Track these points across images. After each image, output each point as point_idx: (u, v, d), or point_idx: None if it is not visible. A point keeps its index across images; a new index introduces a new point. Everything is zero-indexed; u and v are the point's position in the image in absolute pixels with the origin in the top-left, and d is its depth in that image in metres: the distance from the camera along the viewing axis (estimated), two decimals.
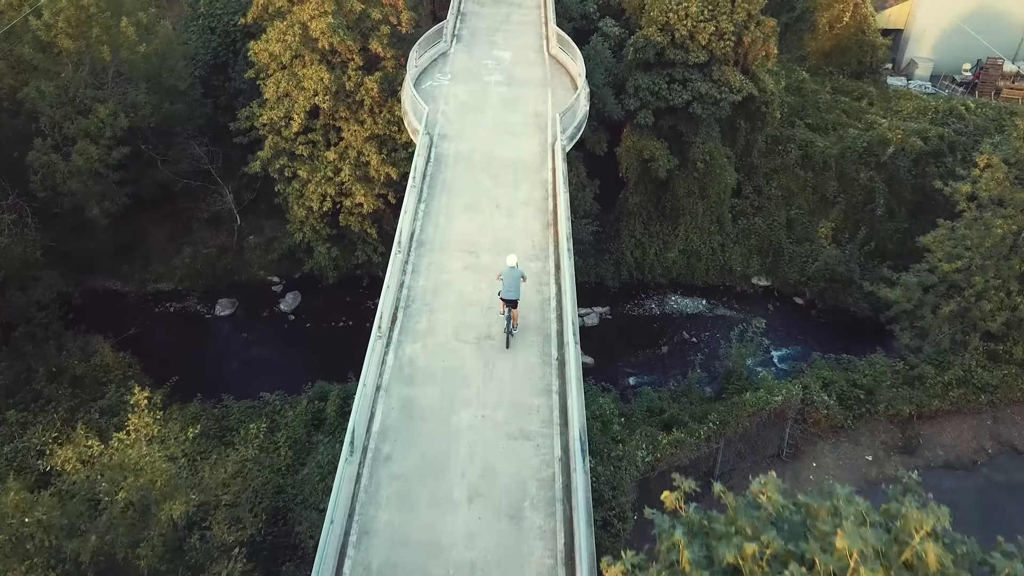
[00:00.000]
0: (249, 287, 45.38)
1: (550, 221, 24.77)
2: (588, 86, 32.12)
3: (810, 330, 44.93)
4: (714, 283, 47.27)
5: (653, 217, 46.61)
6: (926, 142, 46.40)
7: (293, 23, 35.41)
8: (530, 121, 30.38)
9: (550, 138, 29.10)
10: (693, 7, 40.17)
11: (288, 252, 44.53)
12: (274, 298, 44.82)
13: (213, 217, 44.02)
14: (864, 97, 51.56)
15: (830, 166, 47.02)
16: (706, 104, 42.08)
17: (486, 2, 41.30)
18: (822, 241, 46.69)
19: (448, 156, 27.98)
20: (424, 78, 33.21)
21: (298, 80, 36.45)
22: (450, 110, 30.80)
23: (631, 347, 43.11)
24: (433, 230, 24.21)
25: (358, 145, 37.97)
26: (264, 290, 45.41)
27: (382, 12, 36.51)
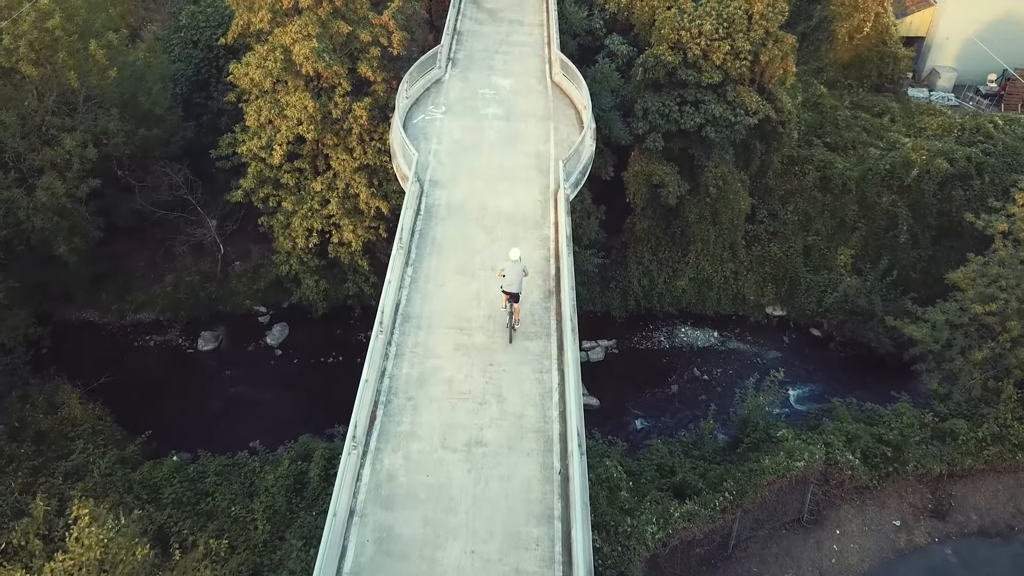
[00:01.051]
0: (234, 317, 42.76)
1: (552, 289, 22.07)
2: (594, 120, 29.27)
3: (828, 366, 42.23)
4: (726, 313, 44.52)
5: (662, 243, 43.83)
6: (952, 164, 43.49)
7: (275, 47, 32.57)
8: (530, 163, 27.59)
9: (552, 184, 26.33)
10: (707, 25, 37.22)
11: (275, 280, 41.83)
12: (260, 330, 42.19)
13: (196, 243, 41.31)
14: (885, 113, 48.55)
15: (850, 189, 44.14)
16: (720, 128, 39.21)
17: (485, 20, 38.32)
18: (841, 269, 43.91)
19: (440, 207, 25.23)
20: (416, 110, 30.39)
21: (281, 108, 33.65)
22: (443, 150, 28.01)
23: (639, 385, 40.48)
24: (421, 301, 21.51)
25: (346, 176, 35.21)
26: (250, 321, 42.77)
27: (371, 33, 33.64)
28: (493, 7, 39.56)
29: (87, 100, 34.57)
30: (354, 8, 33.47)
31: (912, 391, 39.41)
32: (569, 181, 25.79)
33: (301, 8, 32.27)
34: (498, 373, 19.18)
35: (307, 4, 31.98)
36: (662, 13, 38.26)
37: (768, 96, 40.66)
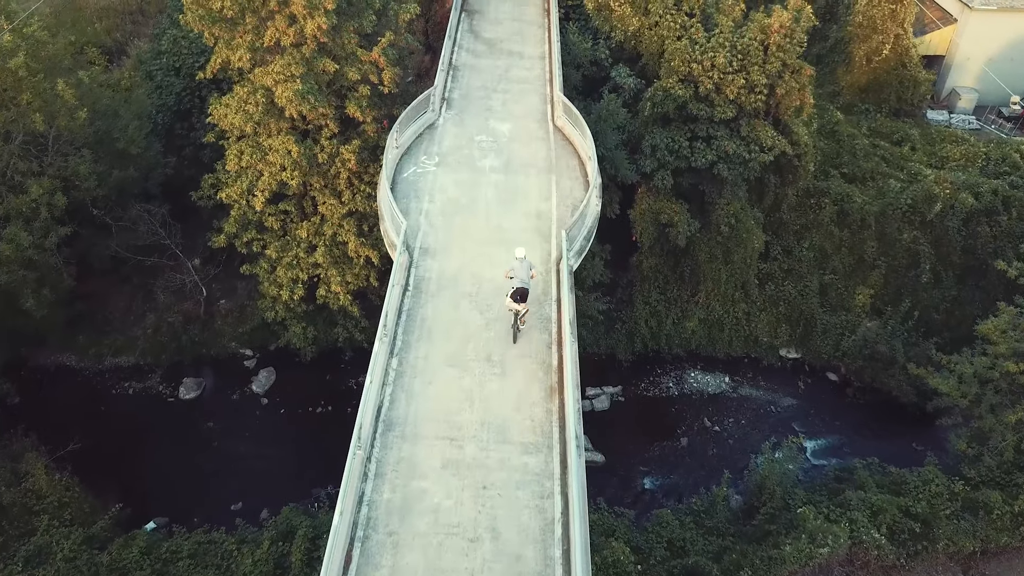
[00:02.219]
0: (219, 361, 40.34)
1: (554, 385, 19.62)
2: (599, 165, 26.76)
3: (846, 415, 39.78)
4: (738, 355, 42.07)
5: (670, 282, 41.32)
6: (978, 198, 40.94)
7: (255, 88, 30.06)
8: (530, 225, 25.07)
9: (554, 252, 23.84)
10: (720, 58, 34.64)
11: (262, 322, 39.35)
12: (246, 375, 39.76)
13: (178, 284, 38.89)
14: (905, 141, 45.92)
15: (869, 224, 41.56)
16: (733, 165, 36.66)
17: (483, 52, 35.70)
18: (859, 310, 41.43)
19: (430, 281, 22.74)
20: (407, 161, 27.84)
21: (263, 151, 31.14)
22: (435, 211, 25.48)
23: (646, 437, 38.04)
24: (405, 402, 19.05)
25: (334, 222, 32.74)
26: (235, 365, 40.33)
27: (360, 71, 31.09)
28: (492, 36, 36.95)
29: (56, 141, 32.06)
30: (341, 44, 30.90)
31: (936, 444, 37.21)
32: (573, 250, 23.30)
33: (284, 46, 29.69)
34: (492, 499, 16.75)
35: (290, 42, 29.43)
36: (672, 44, 35.67)
37: (783, 128, 38.10)
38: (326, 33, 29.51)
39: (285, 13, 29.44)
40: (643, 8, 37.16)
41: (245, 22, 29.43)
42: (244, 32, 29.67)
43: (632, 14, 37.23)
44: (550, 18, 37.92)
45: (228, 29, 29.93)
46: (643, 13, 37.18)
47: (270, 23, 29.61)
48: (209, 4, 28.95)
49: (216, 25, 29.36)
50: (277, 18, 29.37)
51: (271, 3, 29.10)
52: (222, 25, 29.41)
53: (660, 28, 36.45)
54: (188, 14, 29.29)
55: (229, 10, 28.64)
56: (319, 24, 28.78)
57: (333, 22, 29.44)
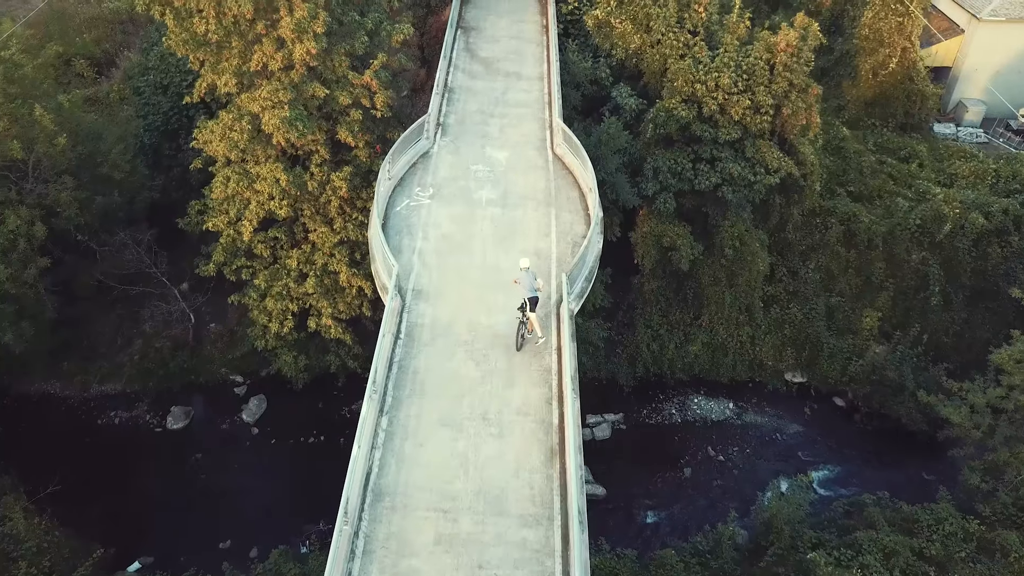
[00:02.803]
0: (208, 388, 39.14)
1: (555, 447, 18.38)
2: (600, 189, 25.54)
3: (854, 442, 38.59)
4: (742, 379, 40.85)
5: (673, 305, 40.10)
6: (988, 218, 39.68)
7: (241, 114, 28.78)
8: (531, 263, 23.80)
9: (554, 295, 22.60)
10: (725, 78, 33.38)
11: (253, 348, 38.08)
12: (236, 403, 38.54)
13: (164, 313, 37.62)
14: (913, 157, 44.64)
15: (876, 245, 40.30)
16: (738, 187, 35.47)
17: (479, 73, 34.37)
18: (866, 334, 40.18)
19: (423, 328, 21.48)
20: (400, 193, 26.55)
21: (250, 179, 29.88)
22: (429, 249, 24.20)
23: (648, 468, 36.83)
24: (396, 468, 17.78)
25: (325, 250, 31.49)
26: (225, 392, 39.12)
27: (352, 95, 29.81)
28: (489, 55, 35.64)
29: (36, 168, 30.77)
30: (332, 67, 29.63)
31: (946, 474, 35.95)
32: (573, 292, 22.06)
33: (272, 70, 28.39)
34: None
35: (278, 66, 28.13)
36: (675, 63, 34.40)
37: (789, 148, 36.89)
38: (316, 57, 28.22)
39: (273, 36, 28.17)
40: (645, 26, 35.89)
41: (231, 46, 28.13)
42: (230, 56, 28.40)
43: (633, 31, 35.97)
44: (548, 35, 36.63)
45: (214, 53, 28.63)
46: (645, 31, 35.92)
47: (257, 47, 28.34)
48: (193, 28, 27.66)
49: (201, 49, 28.05)
50: (264, 42, 28.09)
51: (258, 26, 27.82)
52: (207, 49, 28.11)
53: (662, 46, 35.19)
54: (171, 38, 28.00)
55: (214, 34, 27.36)
56: (308, 48, 27.50)
57: (323, 46, 28.17)
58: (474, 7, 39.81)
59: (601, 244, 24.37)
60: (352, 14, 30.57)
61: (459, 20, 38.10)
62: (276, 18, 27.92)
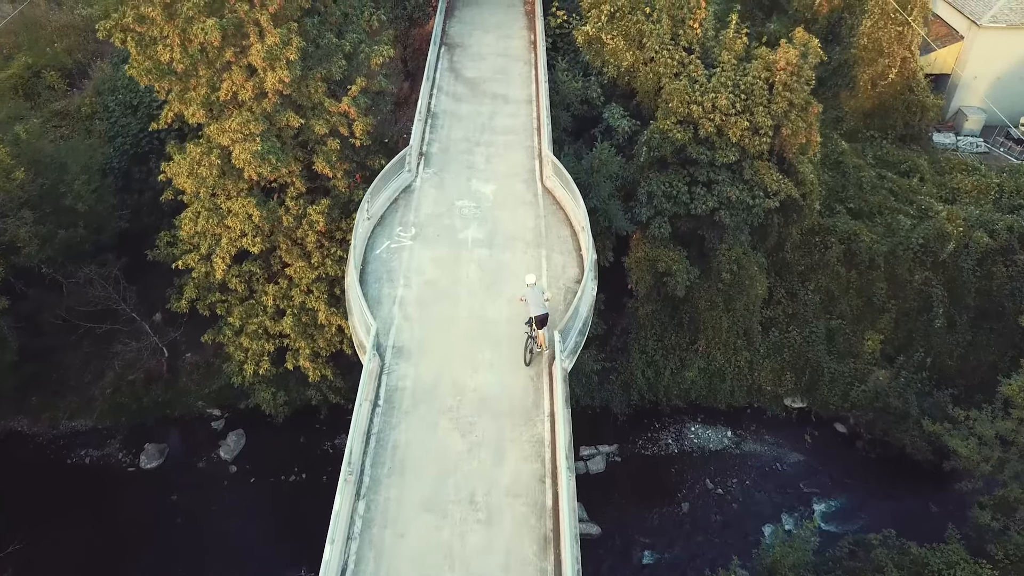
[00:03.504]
0: (184, 423, 37.33)
1: (548, 534, 16.70)
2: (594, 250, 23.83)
3: (856, 471, 37.13)
4: (740, 405, 39.33)
5: (668, 329, 38.46)
6: (993, 236, 38.24)
7: (210, 148, 26.90)
8: (517, 312, 21.96)
9: (546, 351, 20.91)
10: (722, 99, 31.71)
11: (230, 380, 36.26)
12: (213, 439, 36.76)
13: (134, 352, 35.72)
14: (914, 171, 43.11)
15: (878, 265, 38.78)
16: (736, 211, 33.84)
17: (464, 95, 32.49)
18: (868, 357, 38.72)
19: (404, 392, 19.73)
20: (380, 234, 24.74)
21: (221, 215, 28.01)
22: (411, 297, 22.44)
23: (645, 502, 35.32)
24: (374, 563, 16.03)
25: (303, 287, 29.68)
26: (202, 427, 37.33)
27: (328, 123, 27.98)
28: (475, 76, 33.78)
29: None
30: (307, 94, 27.76)
31: (953, 505, 34.75)
32: (566, 348, 20.38)
33: (242, 100, 26.49)
34: None
35: (249, 96, 26.25)
36: (670, 83, 32.66)
37: (788, 168, 35.28)
38: (289, 84, 26.34)
39: (243, 64, 26.28)
40: (637, 42, 34.12)
41: (198, 74, 26.21)
42: (198, 85, 26.46)
43: (625, 48, 34.19)
44: (537, 52, 34.80)
45: (180, 81, 26.69)
46: (637, 47, 34.14)
47: (226, 75, 26.46)
48: (157, 56, 25.73)
49: (166, 78, 26.13)
50: (234, 70, 26.22)
51: (227, 54, 25.93)
52: (172, 78, 26.17)
53: (656, 64, 33.44)
54: (134, 67, 26.06)
55: (180, 63, 25.45)
56: (281, 77, 25.60)
57: (297, 73, 26.29)
58: (458, 22, 37.95)
59: (595, 290, 22.65)
60: (329, 36, 28.72)
61: (443, 36, 36.22)
62: (246, 44, 26.04)
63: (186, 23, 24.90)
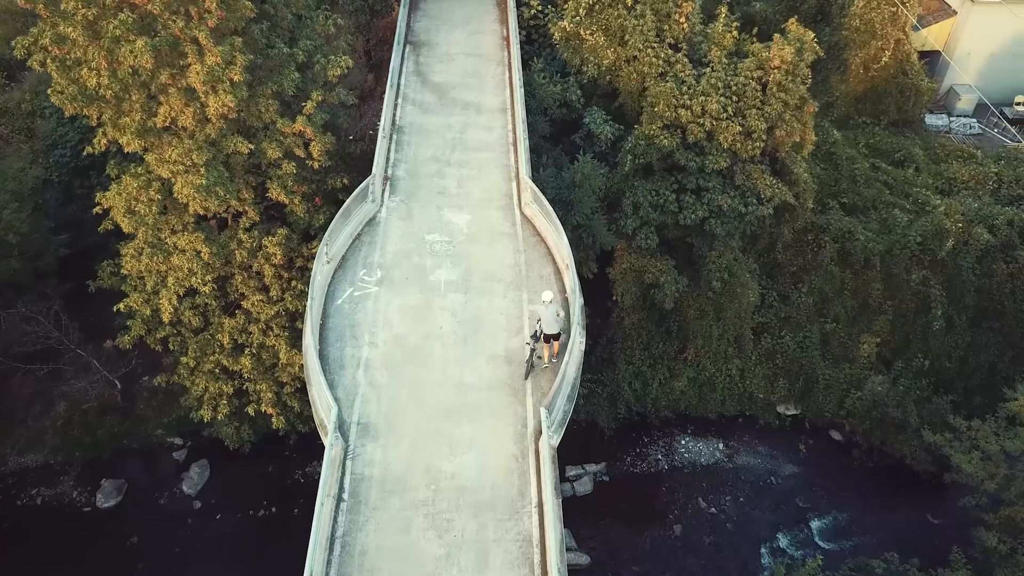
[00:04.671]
0: (143, 454, 34.86)
1: None
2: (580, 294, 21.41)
3: (853, 483, 35.51)
4: (731, 414, 37.45)
5: (655, 338, 36.25)
6: (993, 232, 36.27)
7: (150, 180, 23.97)
8: (499, 375, 19.64)
9: (531, 419, 18.58)
10: (713, 103, 29.11)
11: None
12: (175, 471, 34.33)
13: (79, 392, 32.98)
14: (908, 161, 40.85)
15: (874, 264, 36.72)
16: (727, 220, 31.49)
17: (432, 105, 29.48)
18: (864, 361, 36.86)
19: (372, 483, 17.27)
20: (342, 279, 22.04)
21: (166, 252, 25.18)
22: (377, 359, 19.89)
23: (635, 526, 33.48)
24: None
25: (262, 322, 27.03)
26: (162, 457, 34.89)
27: (282, 146, 25.10)
28: (443, 80, 30.77)
29: None
30: (257, 114, 24.81)
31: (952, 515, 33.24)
32: (554, 422, 18.07)
33: (182, 126, 23.52)
34: None
35: (190, 123, 23.27)
36: (655, 85, 29.96)
37: (780, 167, 32.93)
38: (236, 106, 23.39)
39: (181, 85, 23.24)
40: (619, 38, 31.30)
41: (131, 99, 23.15)
42: (131, 110, 23.41)
43: (606, 45, 31.37)
44: (510, 50, 31.84)
45: (111, 107, 23.62)
46: (619, 44, 31.34)
47: (163, 98, 23.39)
48: (83, 81, 22.64)
49: (94, 105, 23.07)
50: (171, 93, 23.19)
51: (162, 76, 22.84)
52: (102, 104, 23.12)
53: (640, 63, 30.70)
54: (56, 94, 22.95)
55: (107, 89, 22.37)
56: (224, 102, 22.63)
57: (243, 95, 23.32)
58: (424, 16, 34.76)
59: (584, 344, 20.26)
60: (279, 45, 25.66)
61: (408, 33, 33.05)
62: (184, 64, 22.96)
63: (112, 44, 21.84)
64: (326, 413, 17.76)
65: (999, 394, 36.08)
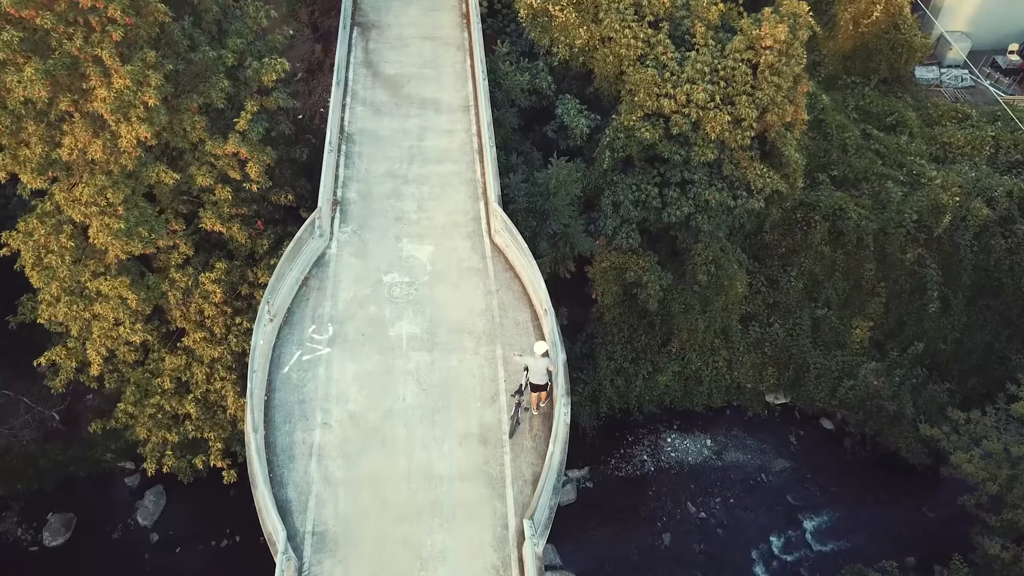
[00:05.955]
0: (92, 482, 32.09)
1: None
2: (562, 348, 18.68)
3: (846, 477, 33.90)
4: (718, 405, 35.45)
5: (637, 331, 33.79)
6: (992, 205, 33.96)
7: (60, 224, 20.54)
8: (475, 462, 16.90)
9: (512, 517, 16.07)
10: (699, 93, 25.91)
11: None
12: (128, 499, 31.72)
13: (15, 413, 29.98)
14: (901, 125, 37.99)
15: (867, 244, 34.30)
16: (714, 215, 28.71)
17: (384, 104, 25.76)
18: (857, 347, 34.81)
19: None
20: (288, 338, 18.99)
21: (88, 299, 21.91)
22: (332, 445, 17.09)
23: (622, 536, 31.67)
24: None
25: (206, 363, 24.04)
26: (113, 485, 32.22)
27: (214, 171, 21.70)
28: (397, 72, 27.00)
29: None
30: (183, 133, 21.29)
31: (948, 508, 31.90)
32: (539, 527, 15.60)
33: (92, 159, 20.01)
34: None
35: (100, 156, 19.75)
36: (635, 72, 26.60)
37: (770, 149, 30.07)
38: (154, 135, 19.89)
39: (85, 111, 19.64)
40: (592, 15, 27.72)
41: (28, 131, 19.54)
42: (30, 141, 19.82)
43: (579, 23, 27.79)
44: (471, 33, 28.11)
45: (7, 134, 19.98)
46: (592, 22, 27.76)
47: (67, 127, 19.79)
48: None
49: None
50: (76, 122, 19.57)
51: (61, 103, 19.19)
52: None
53: (616, 45, 27.22)
54: None
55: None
56: (139, 134, 19.12)
57: (162, 121, 19.79)
58: None
59: (569, 414, 17.64)
60: (203, 48, 21.92)
61: (355, 13, 29.05)
62: (88, 88, 19.31)
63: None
64: (274, 531, 15.08)
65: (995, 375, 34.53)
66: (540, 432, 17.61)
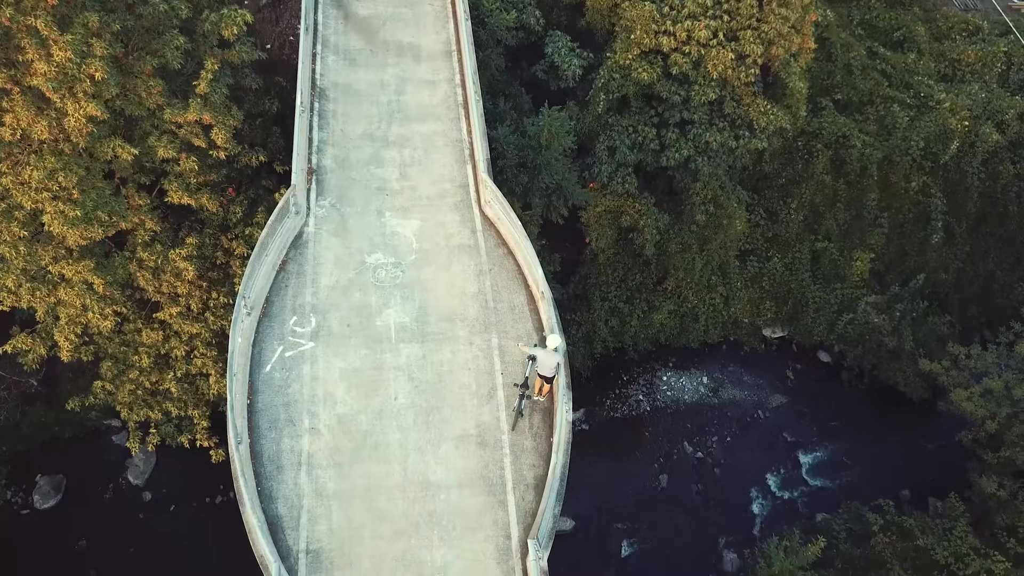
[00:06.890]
0: (79, 442, 31.24)
1: None
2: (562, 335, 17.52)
3: (843, 411, 33.59)
4: (715, 341, 34.72)
5: (632, 270, 32.65)
6: (1002, 130, 32.39)
7: (10, 211, 18.79)
8: (474, 466, 15.91)
9: (515, 527, 15.27)
10: (701, 29, 23.81)
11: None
12: (119, 458, 30.97)
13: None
14: (909, 42, 35.76)
15: (871, 173, 32.85)
16: (715, 156, 27.07)
17: (358, 52, 23.29)
18: (857, 280, 33.87)
19: None
20: (268, 333, 17.60)
21: (50, 286, 20.38)
22: (322, 453, 16.00)
23: (618, 478, 31.41)
24: None
25: (184, 338, 22.79)
26: (102, 444, 31.44)
27: (176, 140, 19.84)
28: (370, 13, 24.45)
29: None
30: (138, 100, 19.32)
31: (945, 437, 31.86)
32: (543, 539, 14.84)
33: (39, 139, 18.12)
34: None
35: (46, 135, 17.87)
36: (631, 8, 24.37)
37: (774, 80, 28.19)
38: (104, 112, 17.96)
39: (26, 85, 17.61)
40: None
41: None
42: None
43: None
44: None
45: None
46: None
47: (6, 103, 17.80)
48: None
49: None
50: (15, 99, 17.56)
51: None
52: None
53: None
54: None
55: None
56: (88, 112, 17.21)
57: (112, 93, 17.84)
58: None
59: (571, 412, 16.64)
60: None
61: None
62: (25, 60, 17.23)
63: None
64: (267, 558, 14.22)
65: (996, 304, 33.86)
66: (540, 430, 16.68)
